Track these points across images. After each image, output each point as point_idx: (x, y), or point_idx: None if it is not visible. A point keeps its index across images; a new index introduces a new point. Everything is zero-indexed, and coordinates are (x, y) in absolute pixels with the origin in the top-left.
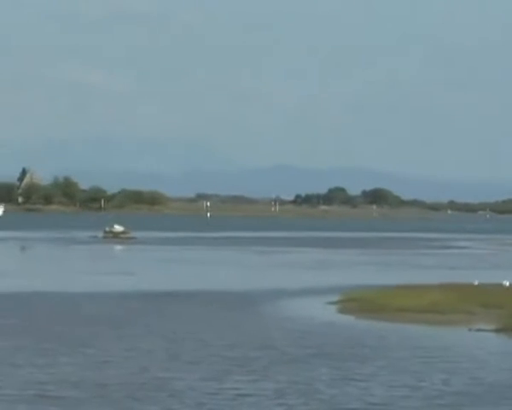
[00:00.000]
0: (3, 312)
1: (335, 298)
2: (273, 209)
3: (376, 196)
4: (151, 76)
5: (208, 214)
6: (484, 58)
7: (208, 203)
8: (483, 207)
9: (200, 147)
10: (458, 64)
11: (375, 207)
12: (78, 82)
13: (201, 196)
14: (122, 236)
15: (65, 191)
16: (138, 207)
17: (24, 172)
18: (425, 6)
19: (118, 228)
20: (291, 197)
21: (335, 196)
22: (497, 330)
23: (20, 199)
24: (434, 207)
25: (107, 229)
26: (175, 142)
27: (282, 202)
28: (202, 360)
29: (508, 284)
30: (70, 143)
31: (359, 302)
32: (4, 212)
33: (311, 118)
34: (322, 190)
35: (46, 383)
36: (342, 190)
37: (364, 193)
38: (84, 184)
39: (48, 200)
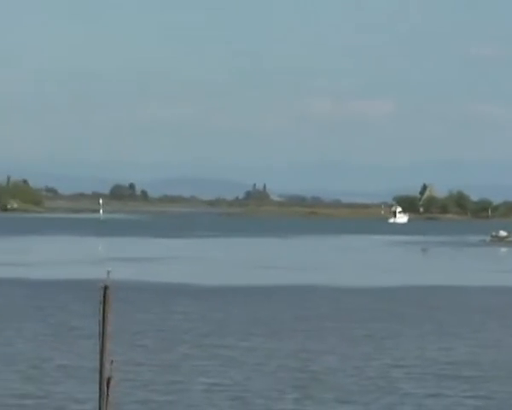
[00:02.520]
0: (405, 303)
1: None
2: None
3: None
4: None
5: None
6: None
7: None
8: None
9: None
10: None
11: None
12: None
13: None
14: (507, 240)
15: (458, 203)
16: None
17: (424, 187)
18: None
19: (502, 233)
20: None
21: None
22: None
23: (421, 209)
24: None
25: (494, 234)
26: None
27: None
28: None
29: None
30: (463, 162)
31: None
32: (408, 220)
33: None
34: None
35: (447, 363)
36: None
37: None
38: (474, 196)
39: (444, 210)
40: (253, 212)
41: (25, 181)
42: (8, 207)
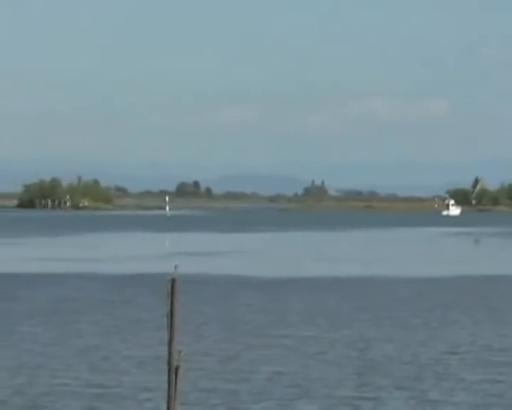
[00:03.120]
0: (459, 292)
1: None
2: None
3: None
4: None
5: None
6: None
7: None
8: None
9: None
10: None
11: None
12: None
13: None
14: None
15: (509, 195)
16: None
17: (476, 181)
18: None
19: None
20: None
21: None
22: None
23: (473, 202)
24: None
25: None
26: None
27: None
28: None
29: None
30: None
31: None
32: (461, 212)
33: None
34: None
35: (500, 349)
36: None
37: None
38: None
39: (495, 202)
40: (311, 207)
41: (96, 181)
42: (80, 205)
